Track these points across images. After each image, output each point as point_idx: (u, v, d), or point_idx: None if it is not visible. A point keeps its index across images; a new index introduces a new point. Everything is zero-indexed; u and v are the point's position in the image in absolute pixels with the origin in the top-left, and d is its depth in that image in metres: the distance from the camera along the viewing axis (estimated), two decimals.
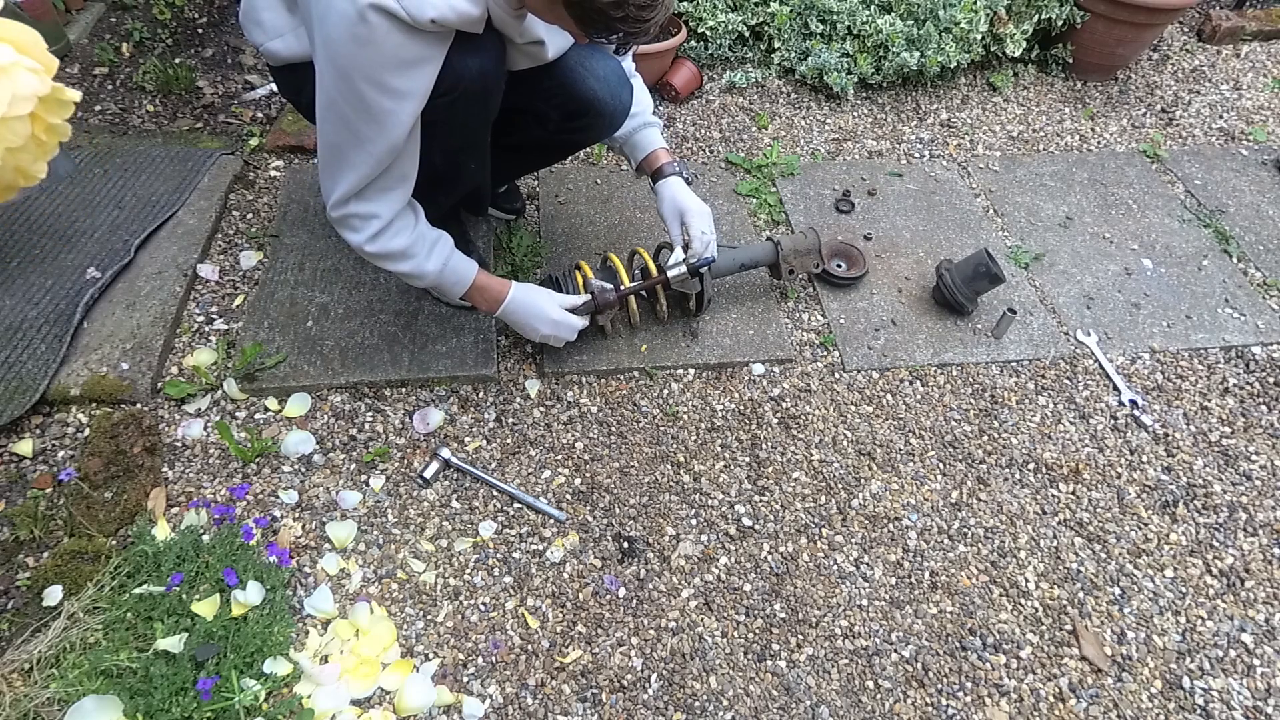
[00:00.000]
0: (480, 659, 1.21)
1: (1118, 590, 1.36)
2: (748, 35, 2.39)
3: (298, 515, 1.34)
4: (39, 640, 1.12)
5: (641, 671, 1.22)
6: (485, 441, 1.47)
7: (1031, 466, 1.52)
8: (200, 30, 2.27)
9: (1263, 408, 1.65)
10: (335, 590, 1.26)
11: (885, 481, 1.48)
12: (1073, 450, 1.55)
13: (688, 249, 1.49)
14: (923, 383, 1.64)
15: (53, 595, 1.19)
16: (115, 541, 1.27)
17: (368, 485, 1.39)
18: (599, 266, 1.57)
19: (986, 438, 1.56)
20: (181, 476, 1.37)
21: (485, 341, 1.59)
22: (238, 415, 1.47)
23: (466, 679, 1.19)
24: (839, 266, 1.80)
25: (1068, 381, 1.66)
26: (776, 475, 1.47)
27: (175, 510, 1.33)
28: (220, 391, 1.49)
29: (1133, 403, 1.62)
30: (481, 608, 1.27)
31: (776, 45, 2.36)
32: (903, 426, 1.56)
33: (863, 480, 1.47)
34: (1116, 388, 1.64)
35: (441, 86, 1.11)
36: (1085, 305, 1.81)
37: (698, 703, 1.19)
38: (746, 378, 1.61)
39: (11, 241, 1.62)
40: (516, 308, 1.40)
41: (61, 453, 1.38)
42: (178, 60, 2.14)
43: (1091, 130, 2.32)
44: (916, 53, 2.24)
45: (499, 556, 1.33)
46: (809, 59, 2.30)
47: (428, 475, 1.39)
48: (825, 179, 2.06)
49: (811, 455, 1.50)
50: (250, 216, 1.81)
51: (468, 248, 1.37)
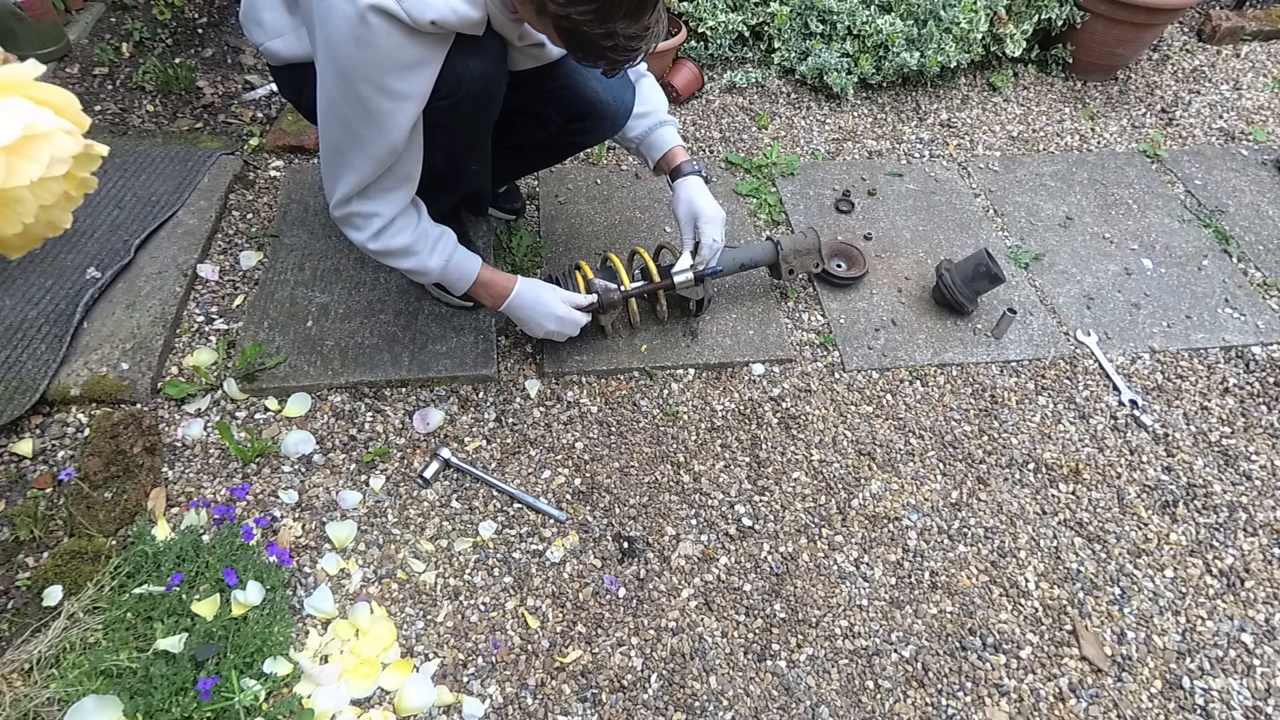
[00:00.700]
0: (480, 659, 1.21)
1: (1118, 590, 1.36)
2: (748, 35, 2.39)
3: (298, 515, 1.34)
4: (39, 640, 1.12)
5: (641, 671, 1.22)
6: (485, 441, 1.47)
7: (1031, 466, 1.52)
8: (200, 30, 2.27)
9: (1263, 408, 1.65)
10: (335, 590, 1.26)
11: (885, 481, 1.48)
12: (1073, 450, 1.55)
13: (695, 253, 1.49)
14: (923, 383, 1.64)
15: (53, 595, 1.19)
16: (115, 541, 1.27)
17: (368, 485, 1.39)
18: (599, 267, 1.57)
19: (986, 438, 1.56)
20: (181, 476, 1.37)
21: (485, 341, 1.59)
22: (238, 415, 1.47)
23: (466, 679, 1.19)
24: (839, 266, 1.80)
25: (1068, 381, 1.66)
26: (776, 475, 1.47)
27: (175, 510, 1.33)
28: (220, 391, 1.49)
29: (1133, 402, 1.62)
30: (481, 608, 1.27)
31: (776, 45, 2.36)
32: (903, 426, 1.56)
33: (863, 480, 1.47)
34: (1116, 387, 1.65)
35: (443, 89, 1.11)
36: (1085, 305, 1.81)
37: (698, 703, 1.19)
38: (746, 378, 1.61)
39: None
40: (523, 303, 1.40)
41: (61, 453, 1.38)
42: (178, 60, 2.14)
43: (1091, 130, 2.32)
44: (916, 53, 2.24)
45: (499, 556, 1.33)
46: (809, 59, 2.30)
47: (428, 475, 1.39)
48: (825, 179, 2.06)
49: (811, 455, 1.50)
50: (250, 216, 1.81)
51: (469, 248, 1.38)
